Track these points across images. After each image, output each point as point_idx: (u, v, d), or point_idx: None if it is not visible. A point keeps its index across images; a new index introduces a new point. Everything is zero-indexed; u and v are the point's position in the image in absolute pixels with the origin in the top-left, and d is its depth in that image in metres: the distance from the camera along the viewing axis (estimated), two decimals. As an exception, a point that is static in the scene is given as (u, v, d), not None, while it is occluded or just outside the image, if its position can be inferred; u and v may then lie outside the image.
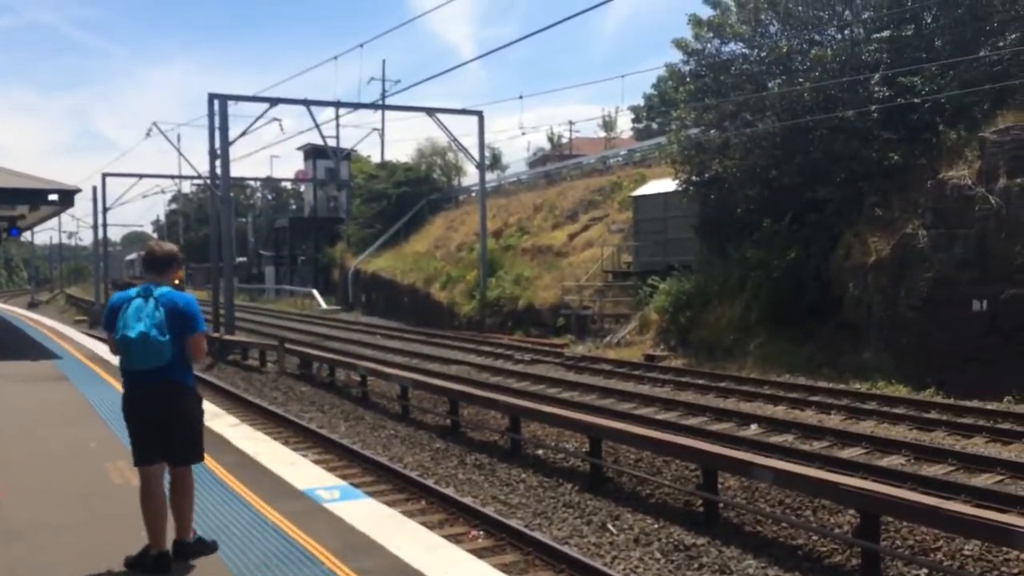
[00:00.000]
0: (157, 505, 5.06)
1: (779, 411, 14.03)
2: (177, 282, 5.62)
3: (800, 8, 20.44)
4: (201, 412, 5.30)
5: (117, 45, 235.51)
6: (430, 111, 31.33)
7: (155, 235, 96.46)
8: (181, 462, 5.16)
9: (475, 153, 33.41)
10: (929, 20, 18.83)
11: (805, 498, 8.69)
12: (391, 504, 8.38)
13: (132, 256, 68.37)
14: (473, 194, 43.06)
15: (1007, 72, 17.18)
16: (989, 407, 13.32)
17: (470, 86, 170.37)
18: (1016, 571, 6.98)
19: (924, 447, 10.90)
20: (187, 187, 73.93)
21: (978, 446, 11.18)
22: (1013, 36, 17.66)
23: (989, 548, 7.22)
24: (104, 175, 48.77)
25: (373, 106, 35.49)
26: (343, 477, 9.34)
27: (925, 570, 7.09)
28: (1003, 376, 14.25)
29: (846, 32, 19.88)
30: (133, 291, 5.04)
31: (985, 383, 14.38)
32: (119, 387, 5.74)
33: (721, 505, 8.69)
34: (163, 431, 5.02)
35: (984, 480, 9.47)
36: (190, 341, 5.02)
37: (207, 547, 5.28)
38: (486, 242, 32.45)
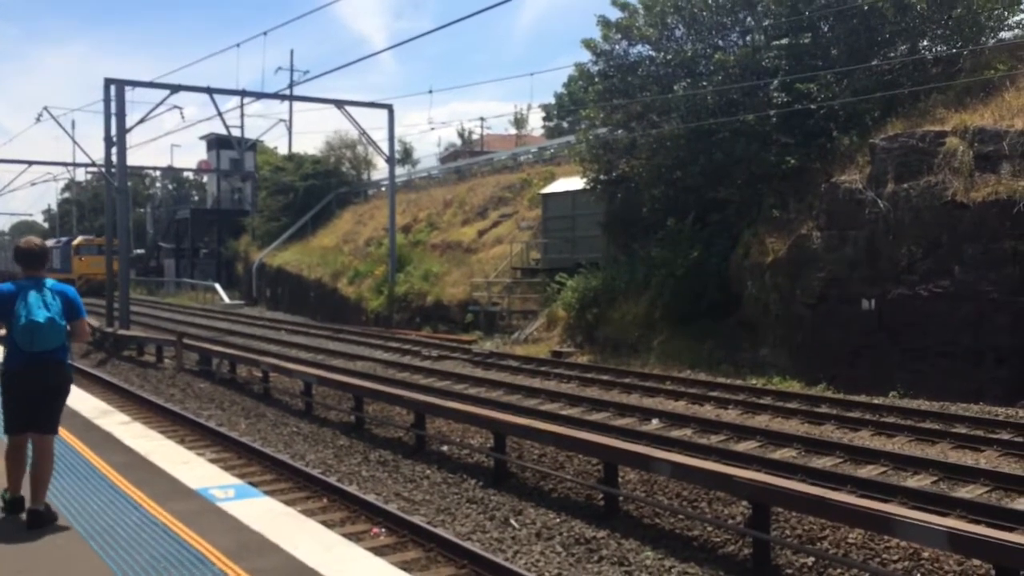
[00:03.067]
0: (20, 462, 5.77)
1: (679, 406, 14.35)
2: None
3: (704, 13, 20.93)
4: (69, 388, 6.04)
5: (8, 24, 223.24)
6: (339, 103, 30.87)
7: (46, 224, 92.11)
8: (47, 431, 5.77)
9: (385, 147, 33.10)
10: (826, 29, 19.56)
11: (701, 490, 8.92)
12: (290, 503, 8.24)
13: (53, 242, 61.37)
14: (382, 188, 42.64)
15: (896, 81, 18.01)
16: (876, 402, 13.94)
17: (382, 79, 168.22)
18: (896, 558, 7.31)
19: (814, 440, 11.32)
20: (81, 175, 70.74)
21: (864, 439, 11.68)
22: (903, 47, 18.54)
23: (872, 536, 7.54)
24: (-10, 161, 46.39)
25: (280, 96, 34.71)
26: (241, 476, 9.13)
27: (812, 558, 7.36)
28: (889, 372, 14.96)
29: (747, 38, 20.48)
30: (23, 283, 5.65)
31: (873, 379, 15.07)
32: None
33: (621, 498, 8.85)
34: (43, 402, 5.72)
35: (869, 471, 9.90)
36: (77, 325, 5.80)
37: (54, 514, 5.79)
38: (395, 237, 32.18)
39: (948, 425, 12.18)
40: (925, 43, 18.93)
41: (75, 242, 55.24)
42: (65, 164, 57.48)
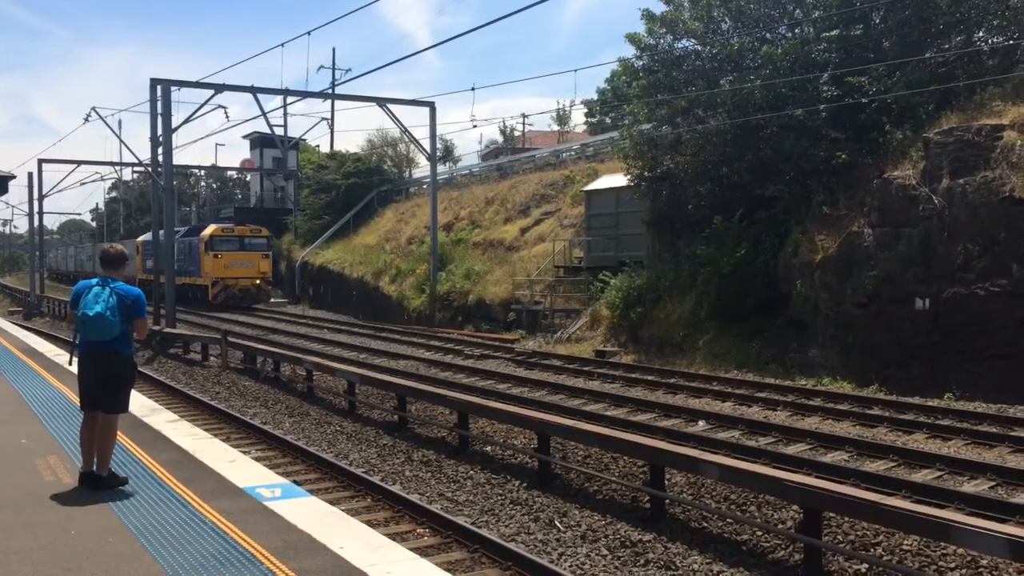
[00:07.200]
0: (90, 439, 6.64)
1: (727, 407, 14.13)
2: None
3: (752, 6, 20.60)
4: (134, 376, 6.89)
5: (59, 26, 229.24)
6: (381, 101, 31.00)
7: (93, 223, 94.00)
8: (111, 410, 6.67)
9: (427, 145, 33.20)
10: (877, 21, 19.11)
11: (750, 494, 8.74)
12: (335, 502, 8.24)
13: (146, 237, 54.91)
14: (424, 186, 42.79)
15: (951, 74, 17.53)
16: (930, 404, 13.59)
17: (425, 76, 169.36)
18: (953, 566, 7.08)
19: (867, 443, 11.06)
20: (128, 174, 72.11)
21: (919, 442, 11.38)
22: (958, 39, 18.04)
23: (928, 543, 7.32)
24: (41, 161, 47.40)
25: (322, 95, 34.96)
26: (286, 475, 9.16)
27: (866, 565, 7.15)
28: (944, 373, 14.58)
29: (796, 31, 20.10)
30: (93, 281, 6.60)
31: (927, 380, 14.69)
32: (54, 381, 6.27)
33: (668, 501, 8.70)
34: (103, 385, 6.58)
35: (924, 476, 9.63)
36: (136, 323, 6.63)
37: (119, 480, 6.65)
38: (437, 235, 32.24)
39: (1006, 428, 11.82)
40: (981, 34, 18.41)
41: (205, 232, 40.66)
42: (112, 164, 58.48)
